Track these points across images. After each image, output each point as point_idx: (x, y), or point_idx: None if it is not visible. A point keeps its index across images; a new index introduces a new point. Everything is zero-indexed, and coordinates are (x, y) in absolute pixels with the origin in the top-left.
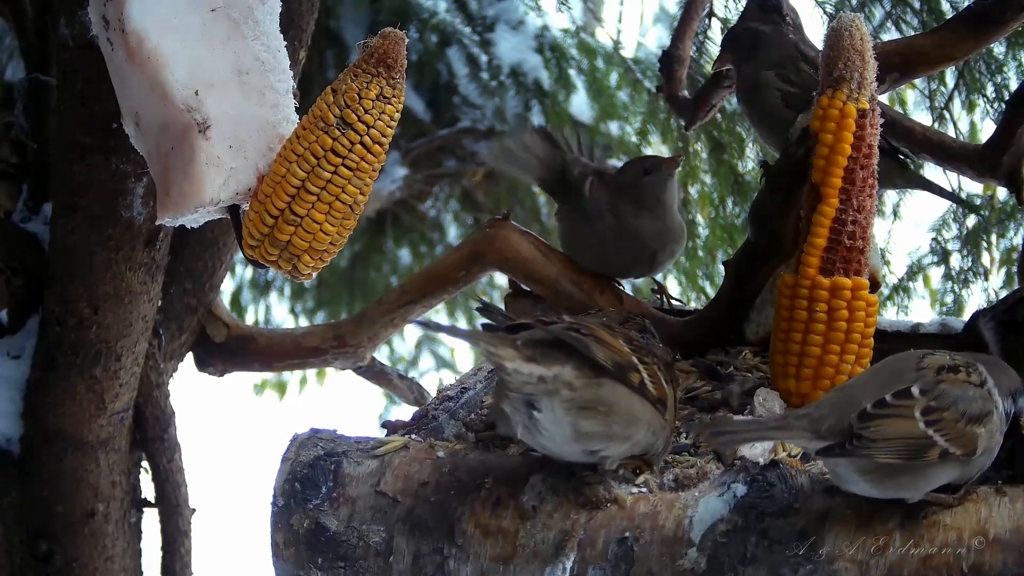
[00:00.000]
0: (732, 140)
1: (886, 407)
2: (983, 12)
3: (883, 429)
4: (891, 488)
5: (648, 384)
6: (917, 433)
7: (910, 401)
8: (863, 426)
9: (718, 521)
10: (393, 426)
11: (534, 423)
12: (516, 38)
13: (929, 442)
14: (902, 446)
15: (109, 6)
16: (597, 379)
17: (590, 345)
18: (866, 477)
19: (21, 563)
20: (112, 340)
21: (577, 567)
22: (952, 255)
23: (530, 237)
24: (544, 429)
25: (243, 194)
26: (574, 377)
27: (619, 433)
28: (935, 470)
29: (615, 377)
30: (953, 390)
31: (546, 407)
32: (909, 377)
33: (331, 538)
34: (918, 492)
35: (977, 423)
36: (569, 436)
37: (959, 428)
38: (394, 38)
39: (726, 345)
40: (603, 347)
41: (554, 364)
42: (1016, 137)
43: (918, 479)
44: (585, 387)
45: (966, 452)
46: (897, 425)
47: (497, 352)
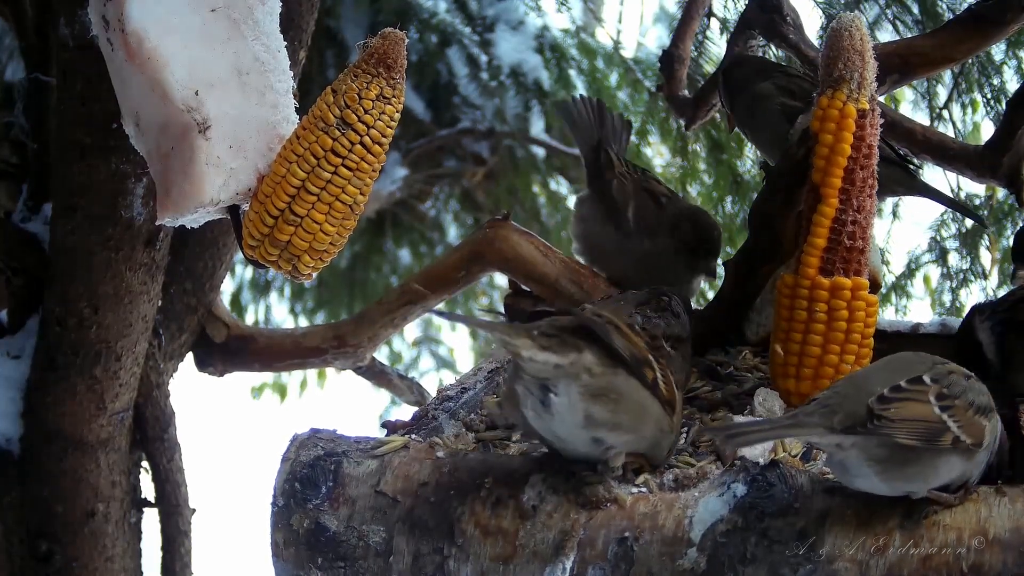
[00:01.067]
0: (731, 140)
1: (902, 391)
2: (983, 13)
3: (902, 410)
4: (898, 479)
5: (660, 383)
6: (933, 417)
7: (924, 387)
8: (883, 407)
9: (718, 521)
10: (393, 426)
11: (547, 406)
12: (516, 38)
13: (944, 427)
14: (921, 427)
15: (109, 6)
16: (614, 368)
17: (612, 333)
18: (875, 467)
19: (21, 563)
20: (112, 340)
21: (577, 567)
22: (950, 254)
23: (530, 237)
24: (556, 412)
25: (243, 194)
26: (594, 363)
27: (626, 424)
28: (942, 462)
29: (630, 370)
30: (961, 380)
31: (563, 391)
32: (920, 368)
33: (331, 538)
34: (924, 485)
35: (984, 415)
36: (580, 422)
37: (969, 417)
38: (394, 38)
39: (726, 345)
40: (623, 338)
41: (571, 352)
42: (1016, 138)
43: (926, 470)
44: (602, 374)
45: (975, 442)
46: (914, 408)
47: (513, 341)
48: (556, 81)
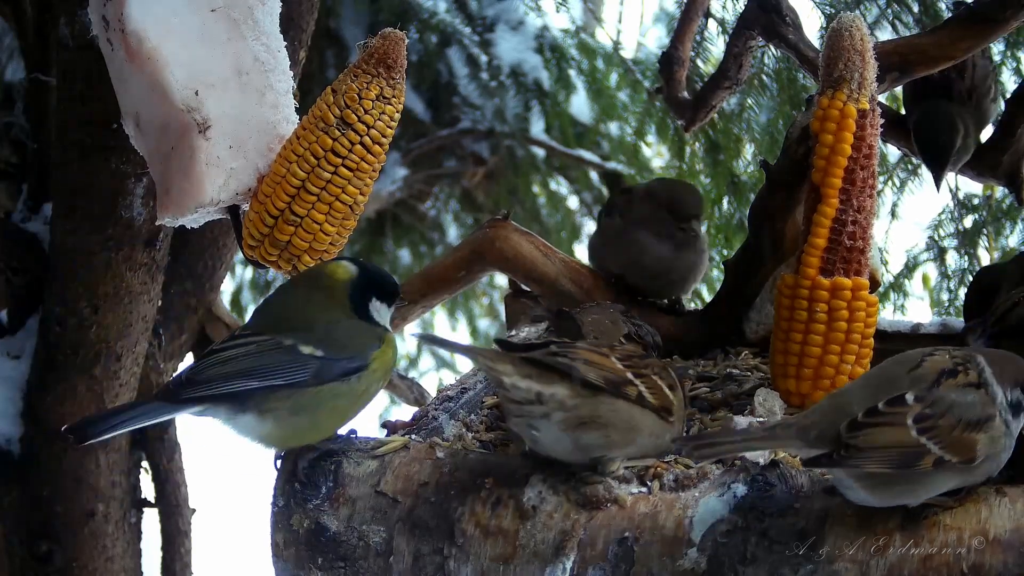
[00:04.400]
0: (729, 141)
1: (877, 415)
2: (982, 11)
3: (873, 438)
4: (887, 496)
5: (647, 395)
6: (909, 441)
7: (903, 408)
8: (852, 435)
9: (718, 521)
10: (393, 426)
11: (536, 441)
12: (516, 38)
13: (922, 450)
14: (894, 455)
15: (109, 6)
16: (594, 396)
17: (577, 368)
18: (862, 485)
19: (21, 563)
20: (112, 340)
21: (577, 567)
22: (948, 253)
23: (530, 237)
24: (547, 446)
25: (243, 194)
26: (567, 396)
27: (619, 441)
28: (933, 478)
29: (610, 393)
30: (949, 395)
31: (544, 428)
32: (904, 383)
33: (331, 538)
34: (917, 499)
35: (976, 429)
36: (570, 449)
37: (955, 436)
38: (394, 38)
39: (726, 345)
40: (593, 367)
41: (551, 383)
42: (1016, 137)
43: (916, 487)
44: (581, 404)
45: (963, 459)
46: (888, 434)
47: (495, 367)
48: (556, 81)
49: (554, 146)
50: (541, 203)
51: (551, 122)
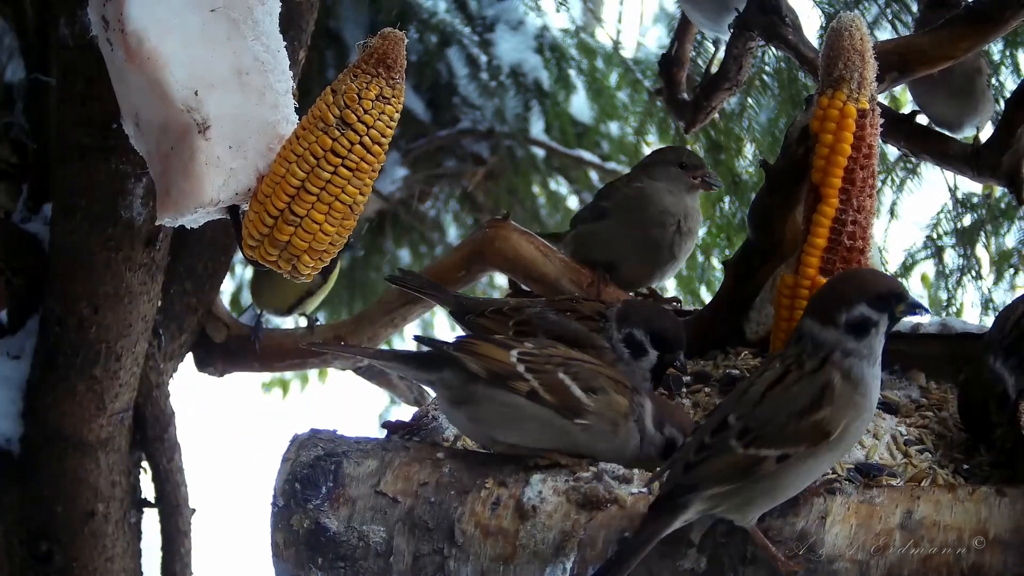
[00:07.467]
0: (729, 140)
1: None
2: (982, 11)
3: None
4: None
5: (541, 391)
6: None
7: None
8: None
9: (718, 521)
10: (393, 426)
11: (453, 424)
12: (516, 38)
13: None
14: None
15: (109, 6)
16: (475, 382)
17: (463, 359)
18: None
19: (21, 563)
20: (112, 340)
21: (577, 567)
22: (946, 252)
23: (530, 237)
24: (460, 428)
25: (243, 194)
26: (451, 379)
27: (500, 426)
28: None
29: (489, 383)
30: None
31: (440, 406)
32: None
33: (331, 538)
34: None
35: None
36: (469, 428)
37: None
38: (394, 38)
39: (726, 345)
40: (479, 358)
41: (435, 371)
42: (1016, 137)
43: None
44: (459, 386)
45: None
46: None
47: (389, 366)
48: (556, 81)
49: (554, 146)
50: (541, 203)
51: (551, 122)
